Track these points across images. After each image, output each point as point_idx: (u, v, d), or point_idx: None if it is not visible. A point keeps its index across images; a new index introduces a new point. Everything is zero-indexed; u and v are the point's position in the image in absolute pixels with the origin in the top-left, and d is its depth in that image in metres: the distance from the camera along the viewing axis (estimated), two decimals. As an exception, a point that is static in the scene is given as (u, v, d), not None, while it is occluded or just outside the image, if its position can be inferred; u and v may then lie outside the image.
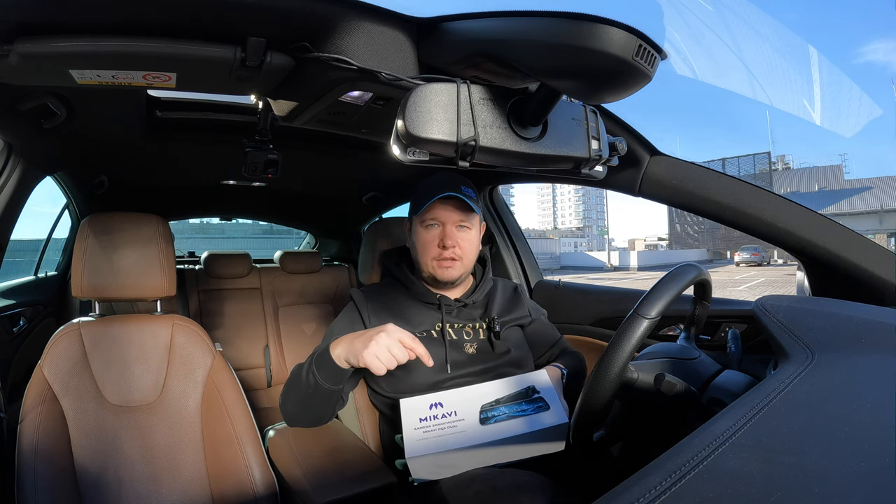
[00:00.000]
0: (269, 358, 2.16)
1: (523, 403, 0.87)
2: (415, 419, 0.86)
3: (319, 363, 0.92)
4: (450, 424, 0.85)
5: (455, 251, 1.02)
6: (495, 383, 0.92)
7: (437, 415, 0.86)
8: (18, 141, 1.07)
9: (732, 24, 51.37)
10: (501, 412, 0.86)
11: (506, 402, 0.88)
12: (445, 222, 1.02)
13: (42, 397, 0.98)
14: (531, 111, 0.65)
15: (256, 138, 1.38)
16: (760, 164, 35.60)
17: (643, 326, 0.67)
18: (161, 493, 1.03)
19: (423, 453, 0.81)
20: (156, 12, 0.64)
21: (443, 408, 0.87)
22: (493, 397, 0.89)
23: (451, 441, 0.82)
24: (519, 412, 0.86)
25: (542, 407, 0.86)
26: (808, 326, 0.67)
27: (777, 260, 28.86)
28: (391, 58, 0.72)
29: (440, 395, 0.90)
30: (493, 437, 0.82)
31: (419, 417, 0.86)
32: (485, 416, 0.85)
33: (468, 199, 1.01)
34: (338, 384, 0.93)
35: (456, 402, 0.88)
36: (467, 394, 0.90)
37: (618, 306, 1.40)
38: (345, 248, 2.78)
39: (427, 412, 0.87)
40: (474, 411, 0.86)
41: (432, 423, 0.85)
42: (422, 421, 0.86)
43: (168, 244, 1.15)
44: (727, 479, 0.38)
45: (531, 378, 0.92)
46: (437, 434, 0.84)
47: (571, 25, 0.53)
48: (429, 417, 0.86)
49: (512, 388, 0.90)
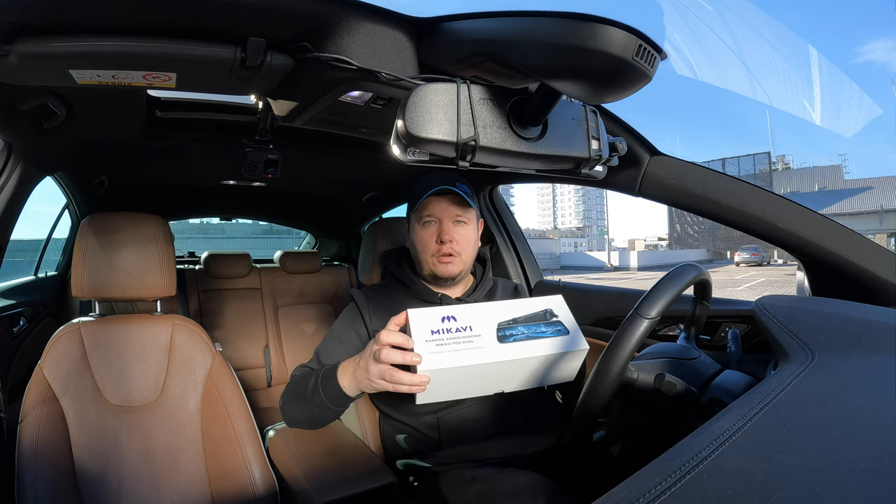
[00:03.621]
0: (269, 358, 2.16)
1: (542, 325, 0.82)
2: (425, 331, 0.78)
3: (326, 388, 0.89)
4: (465, 339, 0.78)
5: (453, 246, 1.01)
6: (510, 303, 0.85)
7: (451, 328, 0.79)
8: (18, 141, 1.07)
9: (732, 24, 51.44)
10: (520, 331, 0.80)
11: (524, 323, 0.82)
12: (442, 218, 1.02)
13: (42, 397, 0.98)
14: (531, 111, 0.65)
15: (256, 138, 1.38)
16: (760, 164, 35.61)
17: (643, 326, 0.67)
18: (161, 493, 1.02)
19: (437, 367, 0.75)
20: (156, 12, 0.64)
21: (456, 321, 0.80)
22: (509, 316, 0.82)
23: (468, 357, 0.77)
24: (538, 333, 0.81)
25: (562, 331, 0.82)
26: (808, 326, 0.67)
27: (777, 260, 28.86)
28: (391, 58, 0.72)
29: (452, 308, 0.82)
30: (511, 357, 0.77)
31: (430, 329, 0.78)
32: (502, 333, 0.80)
33: (463, 194, 1.01)
34: (345, 406, 0.92)
35: (470, 317, 0.81)
36: (481, 310, 0.83)
37: (618, 306, 1.40)
38: (345, 248, 2.78)
39: (439, 324, 0.79)
40: (491, 328, 0.80)
41: (446, 337, 0.78)
42: (434, 333, 0.78)
43: (168, 244, 1.15)
44: (727, 479, 0.38)
45: (548, 301, 0.86)
46: (452, 348, 0.77)
47: (571, 25, 0.53)
48: (441, 330, 0.78)
49: (529, 309, 0.84)
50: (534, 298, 0.87)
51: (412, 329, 0.78)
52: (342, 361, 0.90)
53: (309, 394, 0.93)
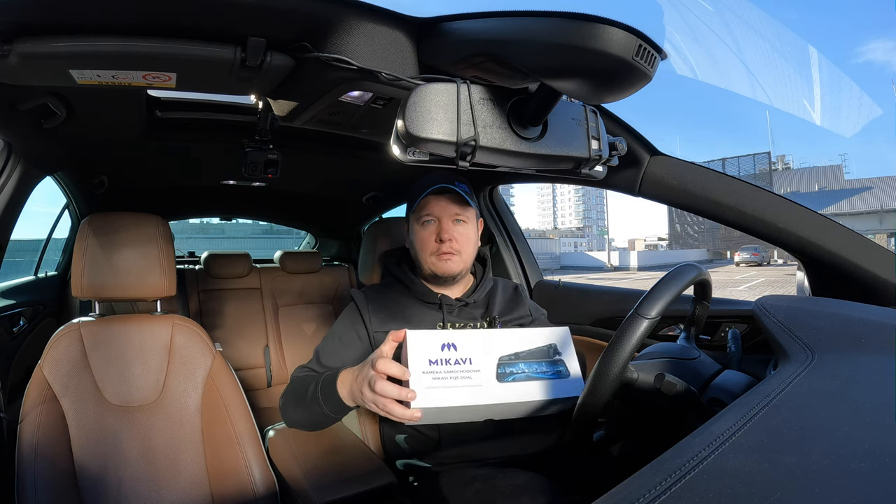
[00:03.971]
0: (269, 358, 2.16)
1: (543, 364, 0.80)
2: (423, 360, 0.75)
3: (326, 395, 0.89)
4: (463, 374, 0.76)
5: (452, 245, 1.01)
6: (515, 332, 0.82)
7: (450, 359, 0.76)
8: (18, 141, 1.07)
9: (732, 24, 51.43)
10: (521, 370, 0.78)
11: (526, 359, 0.79)
12: (441, 216, 1.02)
13: (42, 397, 0.98)
14: (531, 111, 0.65)
15: (256, 138, 1.38)
16: (760, 164, 35.61)
17: (643, 326, 0.67)
18: (161, 493, 1.03)
19: (432, 405, 0.73)
20: (156, 12, 0.64)
21: (456, 351, 0.77)
22: (511, 348, 0.79)
23: (464, 395, 0.75)
24: (539, 373, 0.78)
25: (562, 373, 0.80)
26: (808, 326, 0.67)
27: (777, 260, 28.86)
28: (391, 58, 0.72)
29: (453, 334, 0.79)
30: (507, 400, 0.76)
31: (429, 359, 0.76)
32: (503, 370, 0.77)
33: (462, 192, 1.01)
34: (343, 414, 0.93)
35: (471, 347, 0.78)
36: (483, 338, 0.79)
37: (618, 306, 1.40)
38: (345, 248, 2.78)
39: (438, 353, 0.76)
40: (491, 363, 0.77)
41: (444, 370, 0.75)
42: (431, 364, 0.75)
43: (168, 244, 1.15)
44: (727, 479, 0.38)
45: (554, 335, 0.83)
46: (449, 383, 0.75)
47: (571, 25, 0.53)
48: (440, 361, 0.76)
49: (533, 343, 0.81)
50: (540, 329, 0.85)
51: (409, 353, 0.76)
52: (342, 370, 0.89)
53: (308, 399, 0.93)
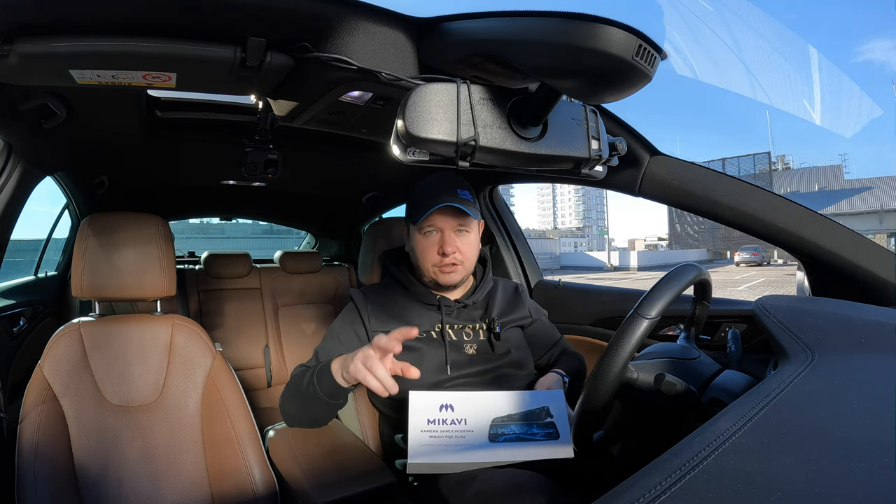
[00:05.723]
0: (269, 358, 2.16)
1: (535, 426, 0.85)
2: (423, 420, 0.84)
3: (320, 378, 0.92)
4: (458, 433, 0.83)
5: (456, 257, 1.01)
6: (509, 395, 0.88)
7: (447, 419, 0.84)
8: (18, 141, 1.07)
9: (732, 24, 51.46)
10: (511, 431, 0.84)
11: (518, 421, 0.85)
12: (444, 228, 1.01)
13: (42, 397, 0.98)
14: (531, 111, 0.65)
15: (256, 138, 1.38)
16: (760, 164, 35.59)
17: (643, 326, 0.67)
18: (161, 493, 1.02)
19: (425, 459, 0.81)
20: (156, 12, 0.64)
21: (453, 412, 0.84)
22: (505, 410, 0.86)
23: (456, 452, 0.81)
24: (529, 435, 0.84)
25: (552, 434, 0.84)
26: (808, 326, 0.67)
27: (777, 260, 28.86)
28: (391, 58, 0.72)
29: (452, 396, 0.86)
30: (495, 460, 0.82)
31: (427, 419, 0.84)
32: (494, 431, 0.83)
33: (465, 207, 1.00)
34: (338, 399, 0.94)
35: (467, 408, 0.85)
36: (479, 400, 0.87)
37: (618, 306, 1.40)
38: (345, 248, 2.78)
39: (436, 413, 0.84)
40: (484, 424, 0.84)
41: (440, 429, 0.83)
42: (429, 423, 0.83)
43: (168, 244, 1.15)
44: (727, 479, 0.38)
45: (547, 398, 0.89)
46: (444, 441, 0.82)
47: (571, 25, 0.53)
48: (437, 420, 0.84)
49: (526, 405, 0.87)
50: (535, 392, 0.91)
51: (410, 411, 0.84)
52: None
53: (304, 387, 0.94)
